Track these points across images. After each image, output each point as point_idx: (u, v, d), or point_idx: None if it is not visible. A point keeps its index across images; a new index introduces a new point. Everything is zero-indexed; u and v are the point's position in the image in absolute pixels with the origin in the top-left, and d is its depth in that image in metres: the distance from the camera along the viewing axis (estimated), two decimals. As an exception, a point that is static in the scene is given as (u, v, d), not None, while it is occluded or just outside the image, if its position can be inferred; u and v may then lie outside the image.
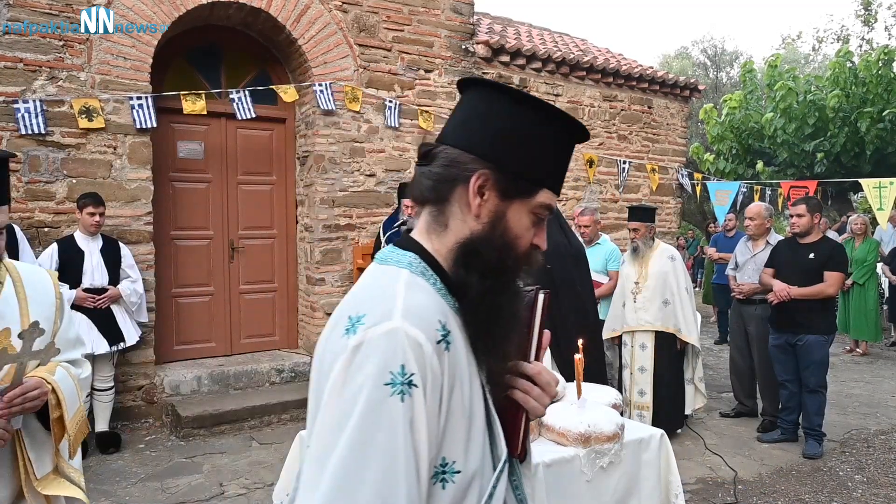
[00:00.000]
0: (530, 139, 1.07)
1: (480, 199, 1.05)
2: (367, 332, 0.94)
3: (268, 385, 5.76)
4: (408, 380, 0.91)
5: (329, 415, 0.93)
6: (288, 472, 2.64)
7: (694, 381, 5.15)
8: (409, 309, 0.96)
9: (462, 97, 1.13)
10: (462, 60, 6.74)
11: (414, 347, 0.93)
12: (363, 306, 0.99)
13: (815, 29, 26.62)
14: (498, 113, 1.06)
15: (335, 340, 0.98)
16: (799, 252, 4.80)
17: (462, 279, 1.05)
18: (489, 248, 1.05)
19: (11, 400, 1.67)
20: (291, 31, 5.75)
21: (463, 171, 1.05)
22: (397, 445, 0.90)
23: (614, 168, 8.01)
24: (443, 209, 1.08)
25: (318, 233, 6.02)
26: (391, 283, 1.02)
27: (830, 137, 11.27)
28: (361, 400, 0.90)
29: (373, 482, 0.88)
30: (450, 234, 1.07)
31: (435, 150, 1.09)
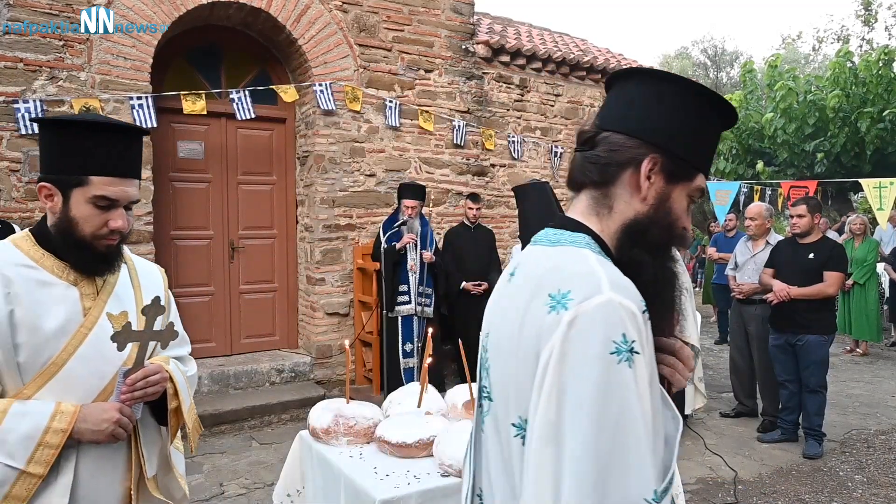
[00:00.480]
0: (695, 125, 1.12)
1: (648, 182, 1.09)
2: (581, 307, 0.95)
3: (268, 385, 5.76)
4: (630, 347, 0.93)
5: (555, 390, 0.93)
6: (288, 472, 2.64)
7: (694, 381, 5.15)
8: (613, 281, 0.99)
9: (620, 85, 1.15)
10: (462, 60, 6.75)
11: (630, 316, 0.95)
12: (564, 284, 1.00)
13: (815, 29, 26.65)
14: (666, 100, 1.10)
15: (539, 317, 0.99)
16: (799, 252, 4.80)
17: (638, 258, 1.10)
18: (656, 229, 1.11)
19: (134, 383, 1.55)
20: (291, 31, 5.75)
21: (632, 155, 1.09)
22: (634, 412, 0.92)
23: (614, 168, 8.01)
24: (607, 192, 1.12)
25: (318, 233, 6.02)
26: (583, 260, 1.04)
27: (830, 137, 11.28)
28: (591, 372, 0.92)
29: (622, 453, 0.90)
30: (615, 215, 1.12)
31: (597, 135, 1.12)
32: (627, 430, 0.90)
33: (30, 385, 1.48)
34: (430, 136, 6.56)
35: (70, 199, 1.53)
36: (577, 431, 0.90)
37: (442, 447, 2.20)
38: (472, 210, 6.16)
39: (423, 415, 2.47)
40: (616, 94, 1.15)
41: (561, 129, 7.60)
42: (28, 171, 4.81)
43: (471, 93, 6.82)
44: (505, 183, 7.18)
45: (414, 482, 2.11)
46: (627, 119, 1.11)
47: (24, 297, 1.48)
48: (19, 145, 4.76)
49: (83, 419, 1.48)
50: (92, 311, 1.57)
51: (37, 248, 1.56)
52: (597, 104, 7.85)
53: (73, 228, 1.53)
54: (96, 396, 1.55)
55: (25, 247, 1.56)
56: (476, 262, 5.95)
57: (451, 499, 2.09)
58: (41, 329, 1.48)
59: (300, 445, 2.59)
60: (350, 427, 2.41)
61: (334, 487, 2.26)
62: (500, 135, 7.08)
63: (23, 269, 1.52)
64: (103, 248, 1.57)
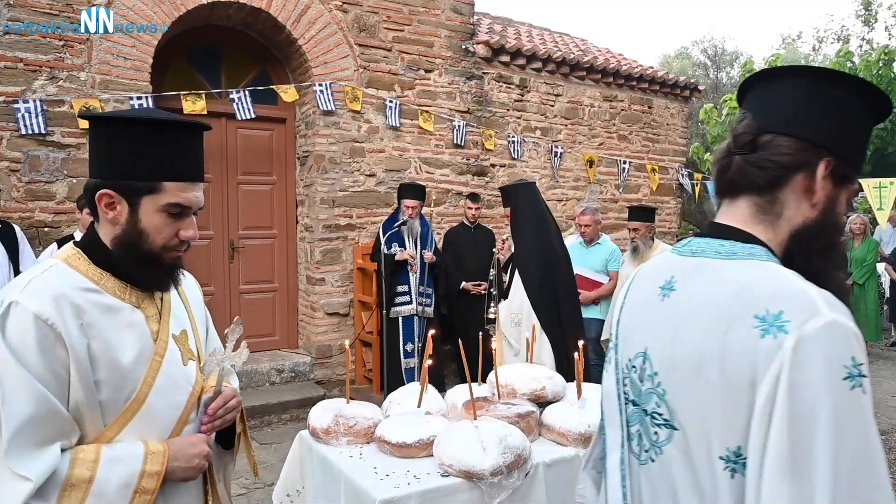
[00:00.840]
0: (860, 124, 1.09)
1: (821, 186, 1.05)
2: (803, 330, 0.90)
3: (268, 385, 5.76)
4: (859, 371, 0.90)
5: (785, 423, 0.88)
6: (288, 472, 2.64)
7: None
8: (827, 300, 0.94)
9: (774, 84, 1.10)
10: (462, 60, 6.75)
11: (855, 338, 0.91)
12: (772, 304, 0.94)
13: (815, 29, 26.59)
14: (836, 101, 1.06)
15: (748, 342, 0.94)
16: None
17: (819, 268, 1.06)
18: (824, 235, 1.08)
19: (216, 410, 1.45)
20: (291, 31, 5.75)
21: (804, 159, 1.05)
22: (873, 443, 0.89)
23: (614, 168, 8.01)
24: (775, 198, 1.07)
25: (318, 233, 6.02)
26: (781, 276, 0.99)
27: (830, 137, 11.28)
28: (825, 402, 0.88)
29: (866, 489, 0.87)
30: (783, 222, 1.07)
31: (757, 138, 1.07)
32: (868, 462, 0.87)
33: (112, 426, 1.32)
34: (430, 136, 6.56)
35: (139, 208, 1.35)
36: (816, 467, 0.86)
37: (442, 447, 2.19)
38: (471, 210, 6.15)
39: (423, 415, 2.47)
40: (772, 95, 1.10)
41: (561, 129, 7.60)
42: (28, 171, 4.81)
43: (471, 93, 6.82)
44: (505, 183, 7.18)
45: (414, 482, 2.11)
46: (794, 121, 1.06)
47: (97, 328, 1.30)
48: (19, 145, 4.77)
49: (174, 457, 1.36)
50: (160, 335, 1.42)
51: (93, 267, 1.37)
52: (597, 104, 7.85)
53: (143, 241, 1.37)
54: (173, 429, 1.42)
55: (82, 267, 1.36)
56: (476, 262, 5.94)
57: (451, 499, 2.09)
58: (119, 362, 1.32)
59: (300, 445, 2.59)
60: (350, 427, 2.41)
61: (334, 487, 2.26)
62: (500, 135, 7.08)
63: (88, 294, 1.33)
64: (171, 262, 1.44)
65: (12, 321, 1.21)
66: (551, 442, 2.47)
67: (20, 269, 4.12)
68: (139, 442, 1.34)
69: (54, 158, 4.90)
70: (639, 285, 1.22)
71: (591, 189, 7.87)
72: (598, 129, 7.90)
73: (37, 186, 4.86)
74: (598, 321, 5.39)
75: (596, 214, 5.58)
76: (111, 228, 1.37)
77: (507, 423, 2.30)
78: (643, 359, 1.14)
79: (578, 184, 7.77)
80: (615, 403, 1.22)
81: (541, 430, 2.53)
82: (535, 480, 2.24)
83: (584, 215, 5.51)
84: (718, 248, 1.08)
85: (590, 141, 7.84)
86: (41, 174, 4.86)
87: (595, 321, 5.43)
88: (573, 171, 7.71)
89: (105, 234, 1.39)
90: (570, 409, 2.54)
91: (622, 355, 1.21)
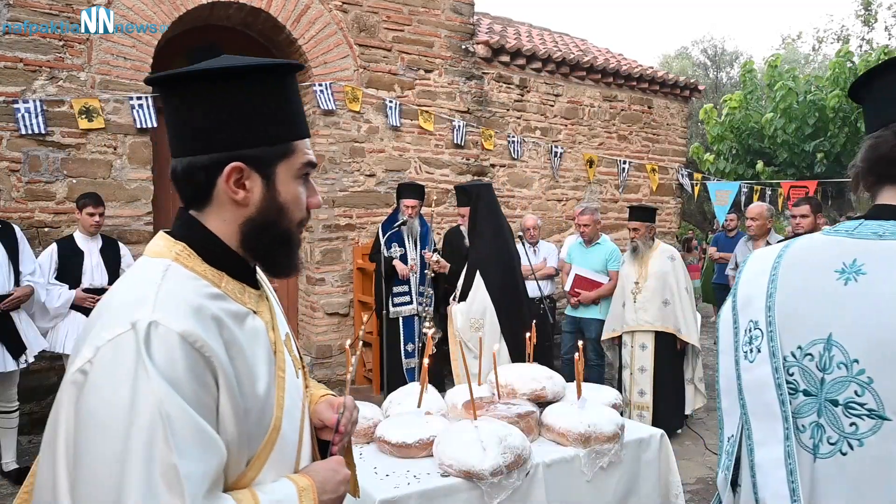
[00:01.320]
0: None
1: None
2: None
3: (268, 385, 5.76)
4: None
5: None
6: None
7: (694, 381, 5.15)
8: None
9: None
10: (462, 60, 6.75)
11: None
12: None
13: (815, 29, 26.55)
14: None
15: None
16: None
17: None
18: None
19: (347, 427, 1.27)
20: (291, 31, 5.75)
21: None
22: None
23: (614, 168, 8.01)
24: None
25: (318, 233, 6.02)
26: None
27: (830, 137, 11.27)
28: None
29: None
30: None
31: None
32: None
33: (253, 464, 1.05)
34: (430, 136, 6.56)
35: (276, 178, 1.08)
36: None
37: (442, 447, 2.19)
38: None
39: (423, 415, 2.47)
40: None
41: (561, 129, 7.60)
42: (28, 171, 4.81)
43: (471, 93, 6.82)
44: (505, 183, 7.18)
45: (414, 482, 2.11)
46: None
47: (237, 344, 1.03)
48: (19, 145, 4.76)
49: (322, 489, 1.13)
50: (277, 344, 1.16)
51: (207, 266, 1.07)
52: (597, 104, 7.85)
53: (283, 218, 1.11)
54: (295, 455, 1.17)
55: (199, 267, 1.06)
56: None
57: (451, 499, 2.09)
58: (258, 384, 1.06)
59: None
60: (350, 427, 2.41)
61: (334, 487, 2.26)
62: (499, 135, 7.08)
63: (218, 301, 1.04)
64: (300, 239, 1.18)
65: (158, 347, 0.92)
66: (551, 442, 2.47)
67: (20, 270, 4.11)
68: (284, 479, 1.10)
69: (54, 158, 4.90)
70: (798, 270, 1.18)
71: (590, 189, 7.88)
72: (598, 129, 7.90)
73: (37, 186, 4.86)
74: (598, 321, 5.39)
75: (595, 214, 5.59)
76: (236, 212, 1.08)
77: (507, 423, 2.30)
78: (824, 346, 1.10)
79: (578, 184, 7.77)
80: (770, 395, 1.16)
81: (541, 430, 2.53)
82: (535, 480, 2.24)
83: (583, 215, 5.51)
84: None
85: (590, 141, 7.84)
86: (41, 174, 4.86)
87: (595, 321, 5.43)
88: (573, 171, 7.71)
89: (222, 221, 1.08)
90: (570, 409, 2.54)
91: (783, 344, 1.16)
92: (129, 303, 0.96)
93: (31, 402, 4.74)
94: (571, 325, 5.61)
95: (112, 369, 0.90)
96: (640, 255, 5.06)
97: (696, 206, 17.57)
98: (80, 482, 0.88)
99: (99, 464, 0.87)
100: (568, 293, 5.63)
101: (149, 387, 0.88)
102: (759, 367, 1.18)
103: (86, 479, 0.88)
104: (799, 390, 1.14)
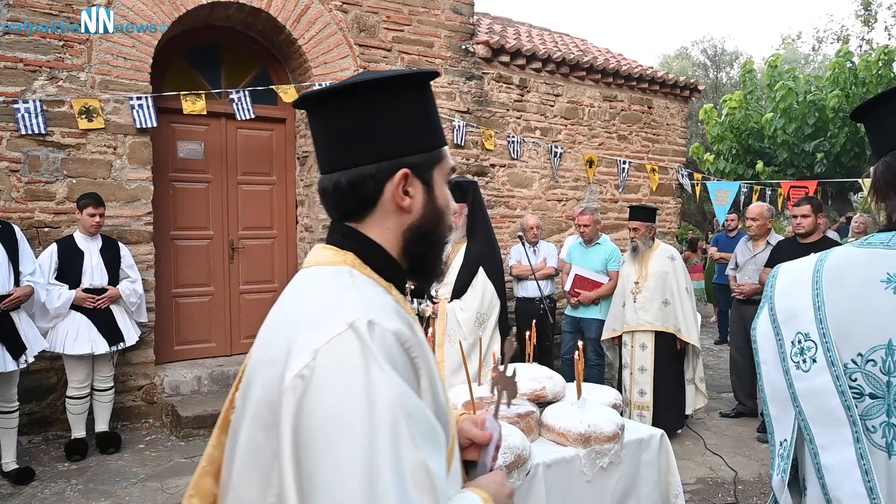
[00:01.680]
0: None
1: None
2: None
3: (268, 385, 5.76)
4: None
5: None
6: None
7: (694, 381, 5.15)
8: None
9: None
10: (462, 60, 6.74)
11: None
12: None
13: (815, 29, 26.57)
14: None
15: None
16: (801, 252, 4.73)
17: None
18: None
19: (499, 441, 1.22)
20: (291, 31, 5.75)
21: None
22: None
23: (614, 168, 8.01)
24: None
25: (318, 233, 6.02)
26: None
27: (830, 137, 11.27)
28: None
29: None
30: None
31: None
32: None
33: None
34: (430, 137, 6.55)
35: (433, 183, 1.08)
36: None
37: (442, 447, 2.19)
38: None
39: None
40: None
41: (561, 129, 7.60)
42: (28, 171, 4.81)
43: (471, 93, 6.82)
44: (505, 183, 7.18)
45: (414, 482, 2.10)
46: None
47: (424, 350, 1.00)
48: (19, 145, 4.76)
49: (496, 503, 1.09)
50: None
51: (377, 276, 1.05)
52: (597, 104, 7.85)
53: (440, 224, 1.10)
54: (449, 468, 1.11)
55: (373, 276, 1.05)
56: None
57: (451, 499, 2.08)
58: (441, 391, 1.03)
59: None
60: (350, 427, 2.41)
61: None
62: (499, 135, 7.08)
63: (399, 308, 1.03)
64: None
65: (380, 345, 0.89)
66: (551, 442, 2.47)
67: (20, 270, 4.12)
68: (467, 491, 1.06)
69: (54, 159, 4.89)
70: (843, 284, 1.24)
71: (590, 189, 7.87)
72: (598, 129, 7.89)
73: (36, 187, 4.85)
74: (598, 321, 5.39)
75: (595, 214, 5.59)
76: (399, 220, 1.06)
77: (506, 423, 2.30)
78: (886, 351, 1.17)
79: (578, 184, 7.77)
80: (833, 401, 1.23)
81: (541, 430, 2.53)
82: (535, 480, 2.23)
83: (583, 215, 5.51)
84: None
85: (589, 141, 7.84)
86: (41, 174, 4.86)
87: (595, 321, 5.43)
88: (573, 171, 7.70)
89: (385, 230, 1.06)
90: (570, 409, 2.54)
91: (841, 351, 1.22)
92: (331, 306, 0.93)
93: (31, 403, 4.74)
94: (571, 325, 5.61)
95: (341, 368, 0.85)
96: (641, 255, 5.06)
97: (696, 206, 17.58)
98: (320, 490, 0.81)
99: (343, 463, 0.81)
100: (568, 293, 5.62)
101: (384, 382, 0.84)
102: (817, 377, 1.25)
103: (326, 485, 0.80)
104: (865, 394, 1.21)
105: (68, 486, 4.08)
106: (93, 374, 4.59)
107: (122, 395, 5.06)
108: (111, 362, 4.71)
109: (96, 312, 4.52)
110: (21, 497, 3.94)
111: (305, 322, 0.91)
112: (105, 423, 4.69)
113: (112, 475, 4.28)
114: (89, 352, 4.42)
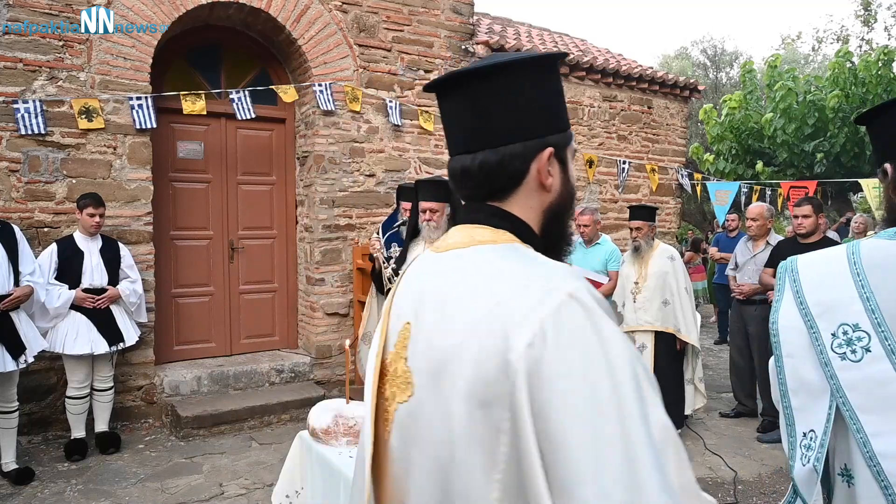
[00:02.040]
0: None
1: None
2: None
3: (267, 385, 5.76)
4: None
5: None
6: (287, 472, 2.64)
7: (694, 381, 5.15)
8: None
9: None
10: (462, 61, 6.74)
11: None
12: None
13: (815, 29, 26.63)
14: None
15: None
16: (801, 252, 4.78)
17: None
18: None
19: None
20: (291, 32, 5.75)
21: None
22: None
23: (614, 168, 8.01)
24: None
25: (317, 233, 6.02)
26: None
27: (830, 137, 11.27)
28: None
29: None
30: None
31: None
32: None
33: None
34: (430, 137, 6.56)
35: (568, 163, 1.09)
36: None
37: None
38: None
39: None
40: None
41: (561, 129, 7.59)
42: (28, 171, 4.81)
43: (470, 93, 6.81)
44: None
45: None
46: None
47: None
48: (19, 145, 4.76)
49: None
50: None
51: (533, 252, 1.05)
52: (597, 104, 7.85)
53: (571, 203, 1.12)
54: None
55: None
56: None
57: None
58: None
59: (300, 446, 2.59)
60: (350, 427, 2.41)
61: (334, 488, 2.26)
62: (499, 135, 7.07)
63: None
64: None
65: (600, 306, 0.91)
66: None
67: (20, 270, 4.12)
68: None
69: (54, 159, 4.89)
70: (888, 273, 1.27)
71: (590, 189, 7.87)
72: (598, 129, 7.90)
73: (36, 186, 4.85)
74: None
75: (595, 214, 5.59)
76: (541, 198, 1.06)
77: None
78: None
79: (578, 184, 7.76)
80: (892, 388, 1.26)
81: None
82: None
83: (583, 215, 5.51)
84: None
85: (589, 141, 7.84)
86: (41, 174, 4.86)
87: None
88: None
89: (529, 209, 1.06)
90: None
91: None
92: (538, 276, 0.92)
93: (30, 402, 4.74)
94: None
95: (573, 332, 0.84)
96: (641, 255, 5.07)
97: (696, 206, 17.58)
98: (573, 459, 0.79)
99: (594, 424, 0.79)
100: (568, 293, 5.61)
101: (618, 339, 0.86)
102: (871, 366, 1.27)
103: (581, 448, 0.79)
104: None
105: (68, 487, 4.08)
106: (92, 374, 4.59)
107: (121, 395, 5.06)
108: (111, 362, 4.71)
109: (96, 312, 4.52)
110: (21, 497, 3.94)
111: (512, 295, 0.89)
112: (105, 423, 4.69)
113: (112, 475, 4.28)
114: (89, 352, 4.43)
